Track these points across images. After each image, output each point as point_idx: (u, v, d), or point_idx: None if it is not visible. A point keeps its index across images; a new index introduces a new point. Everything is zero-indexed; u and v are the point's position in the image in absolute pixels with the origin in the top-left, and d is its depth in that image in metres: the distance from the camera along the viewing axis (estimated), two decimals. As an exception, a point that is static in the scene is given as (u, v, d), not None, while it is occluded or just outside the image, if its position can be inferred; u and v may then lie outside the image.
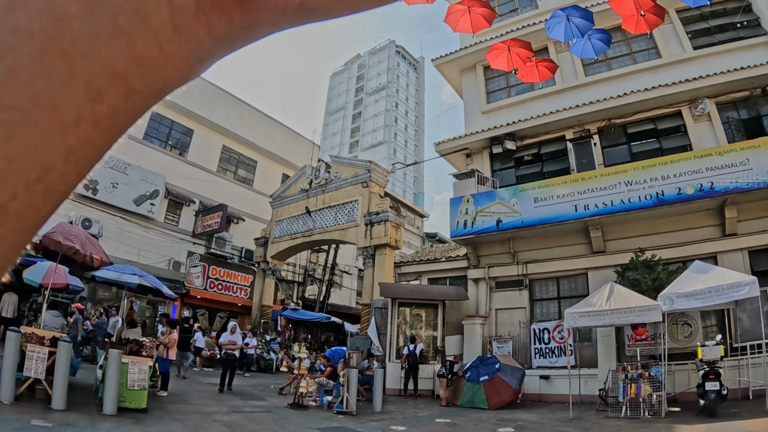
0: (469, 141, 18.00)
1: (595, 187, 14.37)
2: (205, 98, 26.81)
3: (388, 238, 18.23)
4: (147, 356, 8.68)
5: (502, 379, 12.84)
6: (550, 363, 14.64)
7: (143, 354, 8.63)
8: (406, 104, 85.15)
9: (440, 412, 11.90)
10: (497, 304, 16.56)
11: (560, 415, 11.45)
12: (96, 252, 10.15)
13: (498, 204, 15.79)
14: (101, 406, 8.03)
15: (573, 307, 12.16)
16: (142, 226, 22.72)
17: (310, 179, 22.34)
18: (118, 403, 8.21)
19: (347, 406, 10.42)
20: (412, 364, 14.61)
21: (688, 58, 15.19)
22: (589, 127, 16.12)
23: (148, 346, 8.74)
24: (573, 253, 15.39)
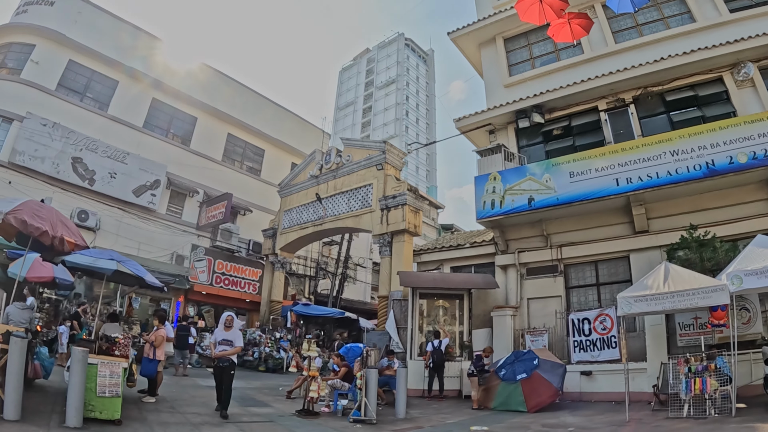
0: (492, 115, 16.42)
1: (638, 158, 12.77)
2: (208, 85, 25.74)
3: (406, 223, 16.63)
4: (121, 356, 7.14)
5: (542, 377, 11.22)
6: (591, 357, 12.99)
7: (116, 353, 7.08)
8: (416, 97, 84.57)
9: (472, 417, 10.27)
10: (529, 293, 14.98)
11: (612, 417, 9.80)
12: (69, 234, 8.61)
13: (529, 180, 14.17)
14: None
15: (626, 291, 10.50)
16: (142, 218, 21.39)
17: (320, 165, 20.82)
18: (86, 412, 6.72)
19: (366, 413, 8.81)
20: (437, 361, 13.01)
21: (725, 21, 13.75)
22: (623, 96, 14.57)
23: (122, 344, 7.19)
24: (612, 233, 13.81)
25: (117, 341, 7.17)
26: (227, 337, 8.70)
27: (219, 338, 8.72)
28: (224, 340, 8.67)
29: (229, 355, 8.59)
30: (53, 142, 19.43)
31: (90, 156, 20.35)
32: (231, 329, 8.78)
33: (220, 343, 8.62)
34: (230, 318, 8.89)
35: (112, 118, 21.82)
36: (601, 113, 14.83)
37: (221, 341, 8.66)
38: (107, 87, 22.36)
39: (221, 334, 8.76)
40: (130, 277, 9.21)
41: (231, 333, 8.75)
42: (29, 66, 20.15)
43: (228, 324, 8.78)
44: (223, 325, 8.82)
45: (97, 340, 7.19)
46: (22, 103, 19.24)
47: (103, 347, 7.07)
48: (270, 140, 28.28)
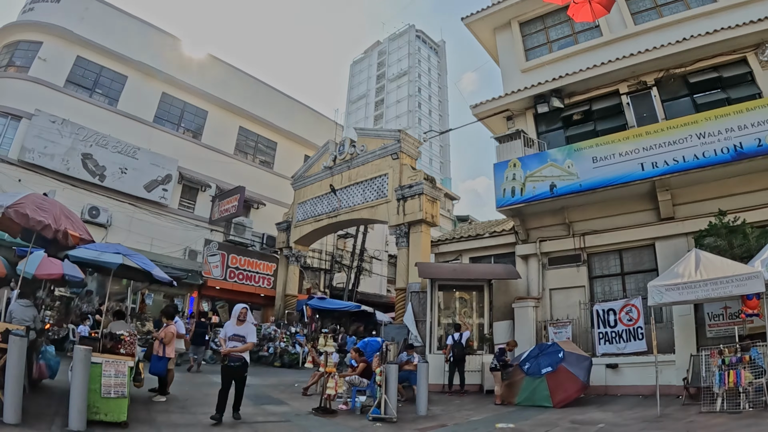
0: (510, 101, 15.80)
1: (663, 142, 12.16)
2: (218, 78, 25.40)
3: (423, 213, 16.13)
4: (126, 354, 6.73)
5: (568, 371, 10.67)
6: (617, 349, 12.42)
7: (121, 351, 6.68)
8: (429, 89, 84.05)
9: (496, 413, 9.78)
10: (551, 283, 14.42)
11: (642, 413, 9.25)
12: (73, 228, 8.24)
13: (550, 166, 13.59)
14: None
15: (657, 280, 9.94)
16: (154, 213, 21.15)
17: (333, 155, 20.36)
18: (90, 415, 6.32)
19: (385, 411, 8.33)
20: (458, 355, 12.52)
21: (748, 0, 13.05)
22: (645, 79, 13.93)
23: (127, 342, 6.77)
24: (637, 221, 13.21)
25: (122, 339, 6.75)
26: (239, 332, 7.58)
27: (230, 333, 7.62)
28: (235, 336, 7.54)
29: (241, 352, 7.49)
30: (62, 138, 19.23)
31: (100, 152, 20.11)
32: (244, 323, 7.69)
33: (230, 339, 7.53)
34: (244, 311, 7.75)
35: (121, 114, 21.58)
36: (623, 96, 14.24)
37: (232, 336, 7.55)
38: (116, 82, 22.12)
39: (232, 328, 7.68)
40: (138, 271, 8.80)
41: (243, 327, 7.64)
42: (37, 63, 19.96)
43: (241, 317, 7.69)
44: (235, 318, 7.75)
45: (101, 338, 6.79)
46: (30, 100, 19.06)
47: (107, 345, 6.66)
48: (282, 133, 27.89)
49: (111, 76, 22.00)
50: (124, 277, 10.62)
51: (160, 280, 9.12)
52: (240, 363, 7.46)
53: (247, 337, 7.62)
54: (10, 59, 20.42)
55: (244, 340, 7.56)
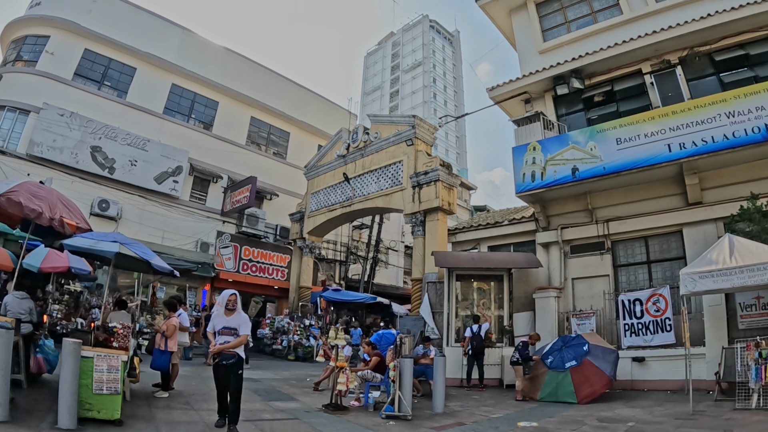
0: (528, 83, 15.16)
1: (690, 122, 11.50)
2: (228, 68, 25.00)
3: (439, 200, 15.51)
4: (120, 348, 6.26)
5: (594, 365, 10.07)
6: (644, 342, 11.78)
7: (114, 345, 6.21)
8: (444, 79, 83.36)
9: (518, 410, 9.20)
10: (573, 272, 13.83)
11: (673, 409, 8.66)
12: (70, 216, 7.82)
13: (572, 149, 12.96)
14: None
15: (689, 267, 9.29)
16: (165, 205, 20.84)
17: (347, 144, 19.81)
18: (82, 412, 5.90)
19: (400, 408, 7.77)
20: (477, 348, 11.94)
21: None
22: (668, 57, 13.21)
23: (120, 334, 6.30)
24: (663, 206, 12.55)
25: (115, 331, 6.29)
26: (229, 324, 6.36)
27: (219, 326, 6.38)
28: (226, 329, 6.35)
29: (233, 348, 6.30)
30: (71, 131, 19.05)
31: (109, 144, 19.87)
32: (234, 313, 6.44)
33: (220, 333, 6.36)
34: (233, 298, 6.46)
35: (131, 105, 21.32)
36: (646, 76, 13.55)
37: (222, 330, 6.35)
38: (125, 74, 21.86)
39: (221, 320, 6.42)
40: (137, 261, 8.34)
41: (234, 318, 6.42)
42: (44, 57, 19.81)
43: (230, 306, 6.41)
44: (223, 307, 6.44)
45: (92, 331, 6.34)
46: (38, 94, 18.92)
47: (99, 338, 6.21)
48: (295, 123, 27.44)
49: (120, 69, 21.75)
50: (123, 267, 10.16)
51: (159, 270, 8.65)
52: (234, 360, 6.28)
53: (239, 328, 6.39)
54: (17, 54, 20.33)
55: (236, 333, 6.35)
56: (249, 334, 6.66)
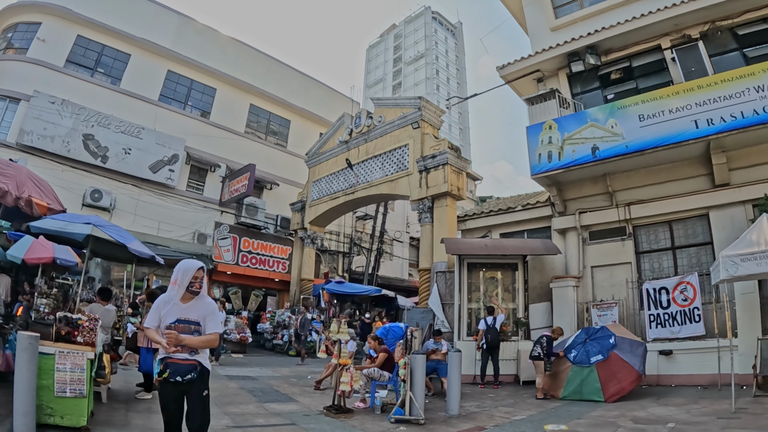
0: (540, 60, 14.27)
1: (717, 97, 10.65)
2: (226, 54, 24.14)
3: (448, 185, 14.59)
4: (86, 344, 5.38)
5: (622, 359, 9.21)
6: (671, 333, 10.89)
7: (77, 340, 5.33)
8: (446, 71, 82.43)
9: (541, 410, 8.32)
10: (593, 260, 12.90)
11: (711, 406, 7.82)
12: (41, 196, 6.97)
13: (591, 127, 12.06)
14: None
15: (728, 249, 8.36)
16: (160, 195, 20.02)
17: (349, 129, 18.90)
18: (43, 417, 5.08)
19: (411, 411, 6.87)
20: (492, 342, 11.05)
21: None
22: (689, 32, 12.34)
23: (86, 328, 5.41)
24: (688, 188, 11.69)
25: (80, 324, 5.40)
26: (188, 315, 3.91)
27: (170, 318, 3.87)
28: (182, 323, 3.87)
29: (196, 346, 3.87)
30: (63, 119, 18.30)
31: (102, 132, 19.08)
32: (197, 299, 3.99)
33: (173, 329, 3.81)
34: (200, 274, 4.00)
35: (125, 93, 20.55)
36: (666, 51, 12.67)
37: (175, 325, 3.84)
38: (119, 61, 21.07)
39: (176, 309, 3.91)
40: (113, 245, 7.46)
41: (196, 306, 3.97)
42: (36, 44, 19.09)
43: (194, 288, 3.94)
44: (182, 288, 3.91)
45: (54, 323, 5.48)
46: (29, 82, 18.20)
47: (62, 332, 5.33)
48: (296, 110, 26.52)
49: (113, 55, 20.97)
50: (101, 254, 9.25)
51: (138, 255, 7.77)
52: (194, 374, 3.78)
53: (204, 323, 3.92)
54: (8, 42, 19.61)
55: (197, 330, 3.89)
56: (220, 332, 4.16)
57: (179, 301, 3.95)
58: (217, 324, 4.02)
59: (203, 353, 3.97)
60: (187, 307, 3.95)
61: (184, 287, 3.92)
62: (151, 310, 4.04)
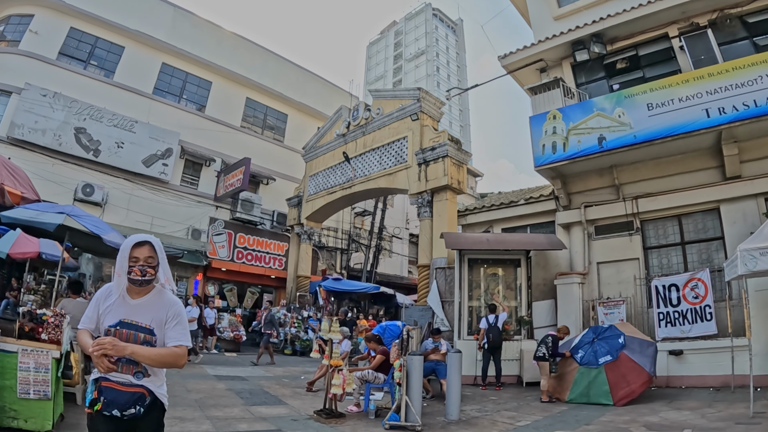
0: (544, 49, 13.79)
1: (729, 85, 10.18)
2: (222, 47, 23.64)
3: (448, 178, 14.12)
4: (51, 341, 4.91)
5: (632, 360, 8.73)
6: (681, 332, 10.36)
7: (42, 338, 4.86)
8: (447, 68, 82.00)
9: (547, 414, 7.85)
10: (599, 255, 12.39)
11: (727, 411, 7.34)
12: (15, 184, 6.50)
13: (598, 116, 11.58)
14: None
15: (746, 243, 7.89)
16: (154, 189, 19.51)
17: (347, 122, 18.44)
18: (5, 421, 4.75)
19: (407, 416, 6.38)
20: (494, 341, 10.56)
21: None
22: (697, 20, 11.91)
23: (51, 324, 4.93)
24: (698, 181, 11.22)
25: (45, 320, 4.92)
26: (138, 317, 2.62)
27: (110, 319, 2.59)
28: (127, 326, 2.58)
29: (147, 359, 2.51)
30: (54, 112, 17.83)
31: (94, 125, 18.61)
32: (151, 295, 2.70)
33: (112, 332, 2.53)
34: (147, 253, 2.62)
35: (118, 85, 20.05)
36: (674, 40, 12.21)
37: (116, 327, 2.56)
38: (112, 53, 20.58)
39: (121, 306, 2.63)
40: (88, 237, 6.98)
41: (152, 305, 2.67)
42: (28, 36, 18.61)
43: (133, 275, 2.58)
44: (120, 275, 2.62)
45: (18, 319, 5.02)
46: (21, 75, 17.73)
47: (26, 328, 4.86)
48: (293, 104, 26.00)
49: (107, 47, 20.48)
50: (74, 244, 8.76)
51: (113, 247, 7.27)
52: (137, 410, 2.52)
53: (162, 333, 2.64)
54: (0, 34, 19.08)
55: (150, 340, 2.59)
56: (189, 345, 2.70)
57: (126, 294, 2.63)
58: (182, 334, 2.64)
59: (157, 376, 2.64)
60: (136, 306, 2.62)
61: (124, 273, 2.58)
62: (90, 303, 2.71)
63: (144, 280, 2.61)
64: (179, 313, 2.69)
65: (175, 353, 2.58)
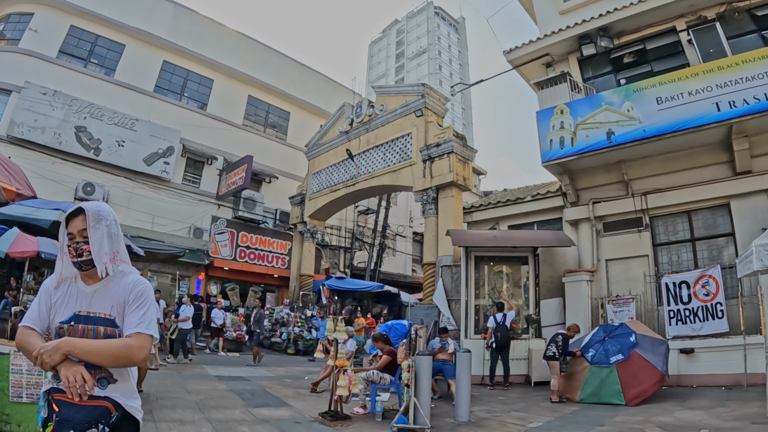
0: (550, 43, 13.56)
1: (739, 78, 9.96)
2: (223, 45, 23.47)
3: (453, 174, 13.89)
4: (42, 344, 4.73)
5: (644, 358, 8.52)
6: (692, 330, 10.15)
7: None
8: (449, 66, 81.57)
9: (557, 415, 7.61)
10: (607, 252, 12.16)
11: (741, 410, 7.11)
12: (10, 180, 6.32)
13: (606, 111, 11.35)
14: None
15: (763, 237, 7.67)
16: (155, 188, 19.34)
17: (350, 119, 18.23)
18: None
19: (416, 419, 6.16)
20: (502, 340, 10.33)
21: None
22: (705, 13, 11.69)
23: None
24: (707, 176, 11.00)
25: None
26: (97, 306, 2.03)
27: (63, 313, 2.02)
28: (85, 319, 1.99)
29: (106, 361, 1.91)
30: (54, 111, 17.69)
31: (95, 124, 18.44)
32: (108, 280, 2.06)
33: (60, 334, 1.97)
34: (75, 228, 2.03)
35: (119, 84, 19.90)
36: (682, 33, 12.00)
37: (69, 324, 1.98)
38: (113, 51, 20.43)
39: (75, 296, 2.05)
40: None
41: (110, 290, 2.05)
42: (28, 35, 18.49)
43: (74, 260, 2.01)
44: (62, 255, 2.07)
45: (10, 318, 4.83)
46: (20, 73, 17.60)
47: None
48: (295, 102, 25.79)
49: (107, 45, 20.35)
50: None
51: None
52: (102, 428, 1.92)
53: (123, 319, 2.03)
54: (0, 33, 18.96)
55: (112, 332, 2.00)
56: (156, 336, 2.07)
57: (80, 281, 2.07)
58: (141, 320, 2.00)
59: (126, 383, 2.04)
60: (92, 293, 2.04)
61: (64, 249, 2.05)
62: (37, 296, 2.10)
63: (81, 262, 2.00)
64: (142, 295, 2.05)
65: (127, 345, 1.90)
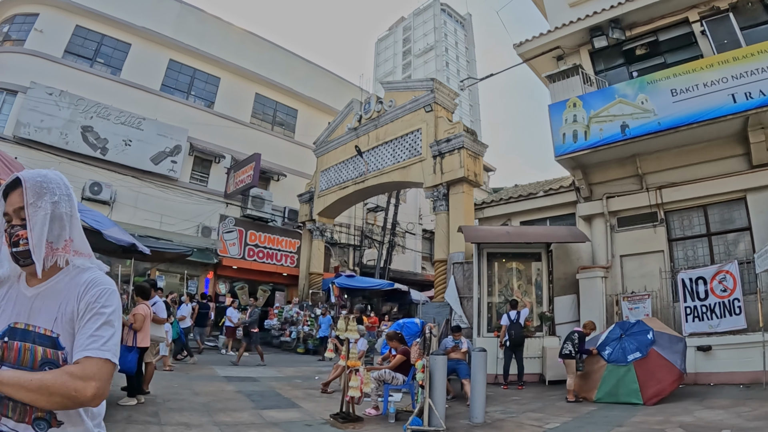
0: (561, 35, 13.30)
1: (755, 69, 9.69)
2: (230, 42, 23.33)
3: (464, 170, 13.64)
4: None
5: (662, 356, 8.27)
6: (709, 327, 9.84)
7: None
8: (456, 63, 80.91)
9: (575, 415, 7.37)
10: (621, 248, 11.89)
11: (763, 409, 6.90)
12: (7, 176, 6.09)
13: (620, 103, 11.12)
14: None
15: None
16: (162, 187, 19.20)
17: (358, 115, 18.04)
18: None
19: (430, 420, 5.94)
20: (516, 338, 10.09)
21: None
22: (717, 4, 11.39)
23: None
24: (724, 169, 10.72)
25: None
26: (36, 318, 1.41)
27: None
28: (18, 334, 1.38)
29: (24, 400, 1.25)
30: (60, 111, 17.60)
31: (101, 123, 18.34)
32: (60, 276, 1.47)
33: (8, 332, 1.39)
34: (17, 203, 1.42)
35: (125, 83, 19.79)
36: (695, 24, 11.71)
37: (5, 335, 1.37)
38: (119, 50, 20.33)
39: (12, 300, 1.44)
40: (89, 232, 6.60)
41: (57, 293, 1.43)
42: (33, 35, 18.42)
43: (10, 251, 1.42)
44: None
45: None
46: (26, 74, 17.51)
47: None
48: (303, 99, 25.59)
49: (113, 45, 20.25)
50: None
51: (115, 243, 6.89)
52: None
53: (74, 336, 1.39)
54: (5, 34, 18.97)
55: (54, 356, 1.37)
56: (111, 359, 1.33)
57: (24, 281, 1.49)
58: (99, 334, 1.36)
59: (73, 425, 1.40)
60: (34, 298, 1.45)
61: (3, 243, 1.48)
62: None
63: (17, 254, 1.42)
64: (98, 300, 1.42)
65: (66, 377, 1.27)
